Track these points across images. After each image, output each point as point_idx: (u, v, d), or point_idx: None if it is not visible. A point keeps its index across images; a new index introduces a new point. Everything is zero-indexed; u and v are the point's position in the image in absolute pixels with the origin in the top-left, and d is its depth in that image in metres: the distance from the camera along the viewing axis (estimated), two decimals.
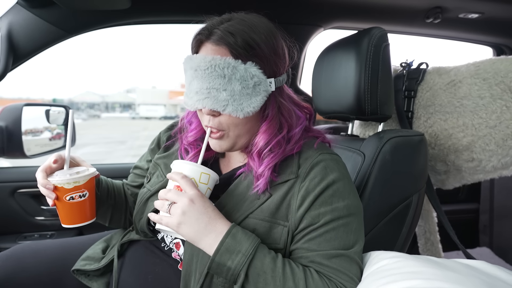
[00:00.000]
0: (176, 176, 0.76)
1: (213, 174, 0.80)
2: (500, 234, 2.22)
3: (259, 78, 0.78)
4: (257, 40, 0.78)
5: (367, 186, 1.06)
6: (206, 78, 0.78)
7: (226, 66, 0.76)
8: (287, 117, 0.85)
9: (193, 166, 0.78)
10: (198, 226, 0.72)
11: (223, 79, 0.77)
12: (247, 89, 0.78)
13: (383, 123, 1.27)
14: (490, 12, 1.69)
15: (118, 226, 1.14)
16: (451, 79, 1.40)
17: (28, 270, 1.01)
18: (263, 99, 0.80)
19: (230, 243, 0.72)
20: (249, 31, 0.78)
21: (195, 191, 0.73)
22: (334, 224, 0.77)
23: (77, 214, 0.89)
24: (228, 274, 0.72)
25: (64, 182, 0.85)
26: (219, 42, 0.78)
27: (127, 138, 17.74)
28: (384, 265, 0.75)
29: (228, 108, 0.78)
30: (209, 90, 0.78)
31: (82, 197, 0.88)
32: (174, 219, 0.72)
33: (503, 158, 1.37)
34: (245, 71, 0.77)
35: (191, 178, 0.77)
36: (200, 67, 0.78)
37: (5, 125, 1.39)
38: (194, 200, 0.72)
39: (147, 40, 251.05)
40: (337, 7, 1.65)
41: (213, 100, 0.78)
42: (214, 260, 0.72)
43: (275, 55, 0.82)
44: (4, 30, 1.33)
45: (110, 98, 76.65)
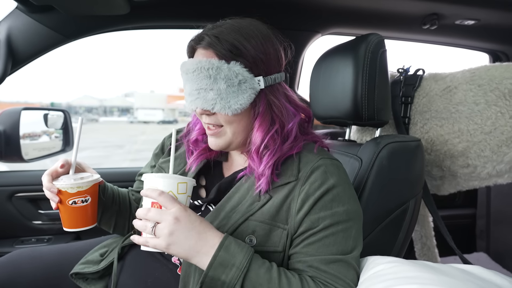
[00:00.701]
0: (152, 193, 0.72)
1: (189, 181, 0.77)
2: (497, 239, 2.23)
3: (244, 76, 0.82)
4: (243, 42, 0.83)
5: (364, 191, 1.06)
6: (195, 80, 0.83)
7: (211, 67, 0.80)
8: (278, 113, 0.87)
9: (168, 180, 0.75)
10: (188, 244, 0.70)
11: (209, 79, 0.81)
12: (233, 87, 0.82)
13: (380, 129, 1.27)
14: (486, 19, 1.71)
15: (122, 233, 1.13)
16: (447, 85, 1.41)
17: (25, 275, 1.01)
18: (250, 97, 0.84)
19: (224, 257, 0.71)
20: (236, 34, 0.83)
21: (177, 207, 0.70)
22: (333, 229, 0.77)
23: (78, 219, 0.91)
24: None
25: (67, 187, 0.87)
26: (206, 47, 0.83)
27: (125, 142, 17.70)
28: (380, 270, 0.76)
29: (217, 107, 0.83)
30: (198, 91, 0.83)
31: (84, 202, 0.89)
32: (161, 241, 0.69)
33: (498, 165, 1.38)
34: (228, 70, 0.81)
35: (168, 192, 0.73)
36: (189, 70, 0.84)
37: (3, 129, 1.39)
38: (179, 217, 0.70)
39: (146, 44, 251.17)
40: (334, 13, 1.66)
41: (202, 100, 0.83)
42: (207, 275, 0.71)
43: (265, 54, 0.85)
44: (4, 35, 1.34)
45: (108, 102, 76.51)
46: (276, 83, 0.88)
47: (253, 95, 0.84)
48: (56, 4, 1.25)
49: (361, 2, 1.56)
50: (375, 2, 1.56)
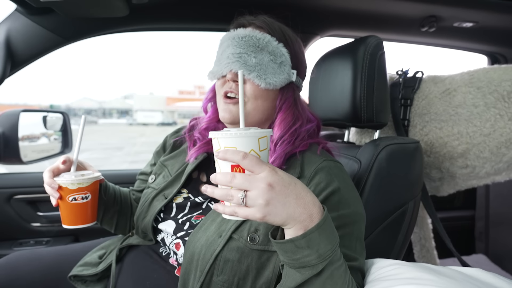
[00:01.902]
0: (234, 156, 0.59)
1: (269, 132, 0.64)
2: (496, 241, 2.23)
3: (286, 60, 0.89)
4: (290, 36, 0.93)
5: (363, 193, 1.06)
6: (241, 45, 0.87)
7: (262, 38, 0.87)
8: (301, 112, 0.92)
9: (247, 138, 0.61)
10: (286, 212, 0.59)
11: (256, 47, 0.87)
12: (274, 63, 0.87)
13: (379, 131, 1.28)
14: (484, 21, 1.71)
15: (123, 233, 1.14)
16: (446, 88, 1.41)
17: (23, 278, 1.01)
18: (284, 81, 0.89)
19: (313, 239, 0.61)
20: (284, 28, 0.93)
21: (266, 170, 0.58)
22: (340, 232, 0.76)
23: (78, 215, 0.91)
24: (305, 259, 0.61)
25: (68, 183, 0.88)
26: (262, 24, 0.91)
27: (124, 144, 17.69)
28: (382, 272, 0.76)
29: (253, 74, 0.85)
30: (241, 55, 0.86)
31: (84, 199, 0.90)
32: (256, 212, 0.58)
33: (496, 164, 1.38)
34: (277, 47, 0.88)
35: (250, 151, 0.61)
36: (238, 35, 0.88)
37: (2, 131, 1.39)
38: (272, 183, 0.58)
39: (145, 46, 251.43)
40: (333, 16, 1.67)
41: (242, 63, 0.85)
42: (296, 240, 0.60)
43: (301, 54, 0.95)
44: (3, 37, 1.34)
45: (108, 104, 76.53)
46: (300, 87, 0.96)
47: (286, 81, 0.90)
48: (55, 7, 1.25)
49: (360, 4, 1.57)
50: (374, 5, 1.57)
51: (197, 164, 0.99)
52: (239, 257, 0.78)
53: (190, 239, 0.85)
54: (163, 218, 0.97)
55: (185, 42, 50.83)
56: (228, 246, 0.79)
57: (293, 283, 0.63)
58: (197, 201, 0.95)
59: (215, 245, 0.80)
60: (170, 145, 1.13)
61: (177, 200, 0.98)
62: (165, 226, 0.95)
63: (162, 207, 0.97)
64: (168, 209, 0.98)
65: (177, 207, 0.97)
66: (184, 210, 0.96)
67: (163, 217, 0.97)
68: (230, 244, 0.79)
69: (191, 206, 0.96)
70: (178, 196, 0.99)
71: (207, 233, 0.83)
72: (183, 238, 0.90)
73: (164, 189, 1.00)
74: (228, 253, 0.79)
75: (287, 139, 0.87)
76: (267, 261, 0.79)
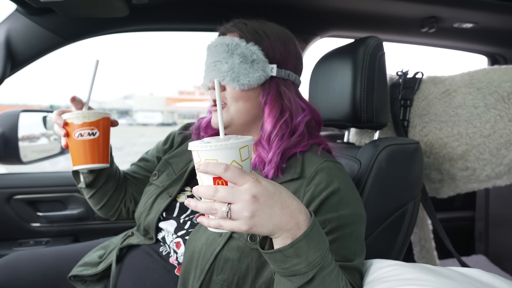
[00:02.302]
0: (215, 169, 0.57)
1: (249, 141, 0.62)
2: (496, 242, 2.23)
3: (258, 57, 0.90)
4: (266, 31, 0.93)
5: (363, 194, 1.06)
6: (215, 53, 0.92)
7: (231, 42, 0.90)
8: (287, 104, 0.92)
9: (228, 150, 0.59)
10: (272, 222, 0.58)
11: (227, 53, 0.90)
12: (245, 63, 0.89)
13: (378, 131, 1.28)
14: (484, 22, 1.72)
15: (106, 214, 1.14)
16: (446, 89, 1.41)
17: (23, 278, 1.01)
18: (260, 78, 0.90)
19: (301, 247, 0.60)
20: (262, 25, 0.95)
21: (249, 182, 0.57)
22: (339, 232, 0.77)
23: (85, 154, 0.87)
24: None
25: (74, 117, 0.86)
26: (233, 28, 0.94)
27: (124, 145, 17.68)
28: (382, 273, 0.76)
29: (227, 79, 0.89)
30: (215, 64, 0.92)
31: (91, 135, 0.87)
32: (241, 224, 0.57)
33: (497, 167, 1.38)
34: (246, 48, 0.90)
35: (231, 163, 0.59)
36: (212, 45, 0.94)
37: (2, 131, 1.39)
38: (256, 194, 0.57)
39: (145, 47, 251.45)
40: (333, 16, 1.67)
41: (216, 71, 0.91)
42: (285, 250, 0.60)
43: (284, 48, 0.95)
44: (3, 37, 1.34)
45: (108, 104, 76.51)
46: (289, 79, 0.96)
47: (263, 78, 0.91)
48: (55, 7, 1.25)
49: (360, 5, 1.57)
50: (374, 5, 1.57)
51: None
52: (239, 256, 0.78)
53: (190, 238, 0.85)
54: (165, 217, 0.97)
55: (185, 43, 50.48)
56: (228, 245, 0.79)
57: None
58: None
59: (216, 244, 0.80)
60: (178, 142, 1.14)
61: (180, 198, 0.99)
62: (166, 225, 0.96)
63: (166, 206, 0.97)
64: (171, 208, 0.98)
65: (180, 207, 0.97)
66: (187, 211, 0.96)
67: (165, 216, 0.97)
68: (230, 243, 0.79)
69: None
70: (181, 194, 0.99)
71: (207, 232, 0.83)
72: (184, 237, 0.91)
73: (168, 187, 1.01)
74: (228, 252, 0.79)
75: (279, 133, 0.88)
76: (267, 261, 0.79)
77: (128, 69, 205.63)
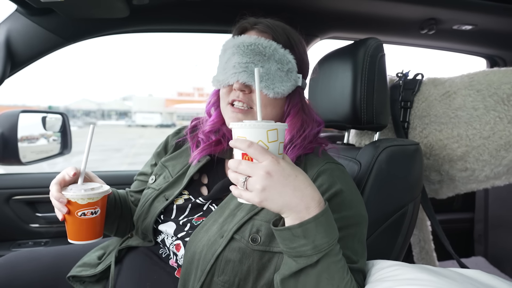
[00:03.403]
0: (241, 144, 0.65)
1: (280, 126, 0.67)
2: (495, 244, 2.23)
3: (293, 66, 0.88)
4: (295, 39, 0.91)
5: (363, 195, 1.06)
6: (247, 53, 0.85)
7: (269, 46, 0.85)
8: (308, 115, 0.92)
9: (255, 129, 0.66)
10: (282, 200, 0.63)
11: (263, 56, 0.85)
12: (281, 71, 0.86)
13: (378, 132, 1.28)
14: (483, 24, 1.72)
15: (122, 236, 1.12)
16: (446, 90, 1.42)
17: (22, 278, 1.01)
18: (292, 87, 0.88)
19: (310, 229, 0.64)
20: (288, 31, 0.91)
21: (268, 160, 0.62)
22: (342, 233, 0.76)
23: (86, 231, 0.87)
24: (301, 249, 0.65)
25: (78, 198, 0.84)
26: (265, 29, 0.88)
27: (122, 146, 17.69)
28: (383, 273, 0.76)
29: (261, 84, 0.84)
30: (247, 65, 0.84)
31: (94, 214, 0.86)
32: (254, 196, 0.63)
33: (496, 168, 1.39)
34: (283, 55, 0.86)
35: (258, 142, 0.65)
36: (243, 43, 0.85)
37: (1, 132, 1.38)
38: (271, 171, 0.62)
39: (144, 48, 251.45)
40: (333, 18, 1.67)
41: (249, 73, 0.84)
42: (293, 228, 0.64)
43: (305, 56, 0.94)
44: (3, 37, 1.34)
45: (106, 105, 76.50)
46: (303, 87, 0.95)
47: (293, 87, 0.89)
48: (56, 7, 1.25)
49: (360, 6, 1.57)
50: (374, 7, 1.57)
51: (200, 167, 0.99)
52: (241, 257, 0.78)
53: (191, 239, 0.85)
54: (163, 219, 0.97)
55: (185, 44, 50.47)
56: (229, 247, 0.79)
57: (288, 270, 0.66)
58: (198, 203, 0.95)
59: (217, 245, 0.79)
60: (172, 146, 1.12)
61: (177, 201, 0.98)
62: (165, 227, 0.95)
63: (162, 208, 0.96)
64: (169, 210, 0.97)
65: (178, 209, 0.96)
66: (185, 212, 0.95)
67: (163, 218, 0.97)
68: (232, 245, 0.79)
69: (192, 207, 0.95)
70: (178, 198, 0.99)
71: (208, 233, 0.83)
72: (184, 239, 0.90)
73: (165, 190, 1.00)
74: (229, 254, 0.79)
75: (299, 144, 0.88)
76: (269, 262, 0.79)
77: (127, 70, 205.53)
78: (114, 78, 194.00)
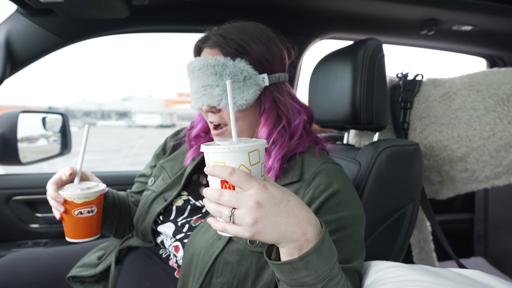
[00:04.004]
0: (221, 172, 0.57)
1: (261, 145, 0.60)
2: (495, 244, 2.23)
3: (249, 73, 0.85)
4: (248, 41, 0.86)
5: (362, 195, 1.06)
6: (201, 77, 0.86)
7: (216, 64, 0.83)
8: (283, 110, 0.90)
9: (236, 153, 0.57)
10: (277, 231, 0.56)
11: (215, 75, 0.84)
12: (238, 83, 0.84)
13: (378, 133, 1.28)
14: (483, 25, 1.72)
15: (121, 237, 1.13)
16: (446, 91, 1.41)
17: (21, 278, 1.01)
18: (255, 93, 0.86)
19: (311, 260, 0.58)
20: (240, 33, 0.87)
21: (255, 188, 0.56)
22: (339, 234, 0.77)
23: (83, 229, 0.89)
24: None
25: (74, 197, 0.85)
26: (213, 45, 0.86)
27: (122, 146, 17.68)
28: (382, 275, 0.76)
29: (223, 102, 0.84)
30: (205, 88, 0.86)
31: (90, 212, 0.88)
32: (244, 231, 0.56)
33: (496, 168, 1.39)
34: (234, 66, 0.83)
35: (239, 167, 0.57)
36: (195, 68, 0.86)
37: (1, 132, 1.38)
38: (261, 201, 0.55)
39: (144, 48, 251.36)
40: (333, 18, 1.67)
41: (208, 96, 0.85)
42: (293, 262, 0.58)
43: (269, 53, 0.88)
44: (3, 38, 1.34)
45: (106, 106, 76.42)
46: (280, 81, 0.92)
47: (258, 92, 0.87)
48: (55, 8, 1.25)
49: (360, 7, 1.57)
50: (373, 8, 1.57)
51: (195, 166, 0.99)
52: (239, 259, 0.78)
53: (189, 241, 0.85)
54: (162, 220, 0.97)
55: (185, 44, 51.23)
56: (227, 248, 0.79)
57: None
58: (198, 205, 0.95)
59: (215, 247, 0.79)
60: (170, 147, 1.13)
61: (177, 202, 0.98)
62: (164, 228, 0.95)
63: (161, 209, 0.97)
64: (168, 211, 0.97)
65: (177, 210, 0.97)
66: (184, 214, 0.96)
67: (162, 219, 0.97)
68: (230, 246, 0.79)
69: (191, 209, 0.95)
70: (178, 199, 0.99)
71: (206, 235, 0.83)
72: (182, 240, 0.90)
73: (163, 191, 1.00)
74: (227, 255, 0.78)
75: (279, 142, 0.87)
76: (267, 263, 0.79)
77: (128, 71, 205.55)
78: (114, 78, 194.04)
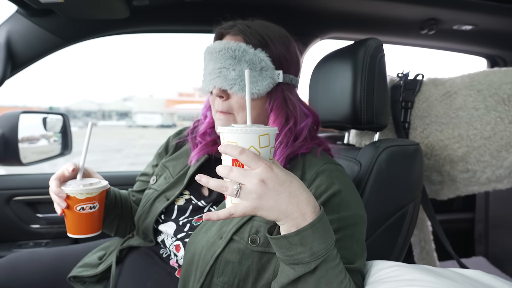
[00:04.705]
0: (232, 151, 0.62)
1: (271, 131, 0.65)
2: (496, 244, 2.23)
3: (267, 64, 0.87)
4: (270, 36, 0.89)
5: (363, 195, 1.06)
6: (219, 59, 0.87)
7: (238, 48, 0.85)
8: (293, 110, 0.91)
9: (247, 134, 0.63)
10: (278, 208, 0.61)
11: (234, 59, 0.86)
12: (254, 71, 0.86)
13: (379, 133, 1.28)
14: (483, 24, 1.72)
15: (123, 236, 1.13)
16: (447, 90, 1.41)
17: (22, 279, 1.01)
18: (268, 86, 0.88)
19: (307, 236, 0.62)
20: (265, 28, 0.90)
21: (262, 167, 0.60)
22: (340, 234, 0.77)
23: (85, 225, 0.90)
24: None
25: (77, 192, 0.86)
26: (237, 32, 0.89)
27: (123, 146, 17.69)
28: (383, 274, 0.76)
29: (235, 87, 0.85)
30: (220, 70, 0.87)
31: (92, 208, 0.89)
32: (248, 205, 0.61)
33: (497, 169, 1.38)
34: (254, 55, 0.86)
35: (249, 148, 0.63)
36: (215, 49, 0.88)
37: (1, 133, 1.39)
38: (265, 179, 0.60)
39: (145, 48, 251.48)
40: (333, 18, 1.67)
41: (222, 79, 0.86)
42: (290, 236, 0.62)
43: (287, 52, 0.91)
44: (3, 38, 1.34)
45: (107, 106, 76.47)
46: (292, 83, 0.94)
47: (271, 85, 0.88)
48: (56, 8, 1.25)
49: (360, 7, 1.57)
50: (374, 7, 1.57)
51: (199, 166, 0.99)
52: (240, 258, 0.78)
53: (190, 240, 0.85)
54: (163, 219, 0.97)
55: (185, 44, 50.55)
56: (228, 248, 0.79)
57: (286, 278, 0.65)
58: (200, 205, 0.95)
59: (216, 246, 0.80)
60: (173, 146, 1.13)
61: (178, 202, 0.98)
62: (166, 227, 0.95)
63: (163, 208, 0.97)
64: (169, 211, 0.98)
65: (179, 209, 0.97)
66: (186, 213, 0.96)
67: (164, 218, 0.97)
68: (231, 246, 0.79)
69: (193, 209, 0.96)
70: (179, 198, 0.99)
71: (207, 234, 0.83)
72: (183, 240, 0.90)
73: (165, 190, 1.00)
74: (228, 255, 0.79)
75: (284, 141, 0.87)
76: (268, 263, 0.79)
77: (128, 71, 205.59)
78: (115, 78, 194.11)
